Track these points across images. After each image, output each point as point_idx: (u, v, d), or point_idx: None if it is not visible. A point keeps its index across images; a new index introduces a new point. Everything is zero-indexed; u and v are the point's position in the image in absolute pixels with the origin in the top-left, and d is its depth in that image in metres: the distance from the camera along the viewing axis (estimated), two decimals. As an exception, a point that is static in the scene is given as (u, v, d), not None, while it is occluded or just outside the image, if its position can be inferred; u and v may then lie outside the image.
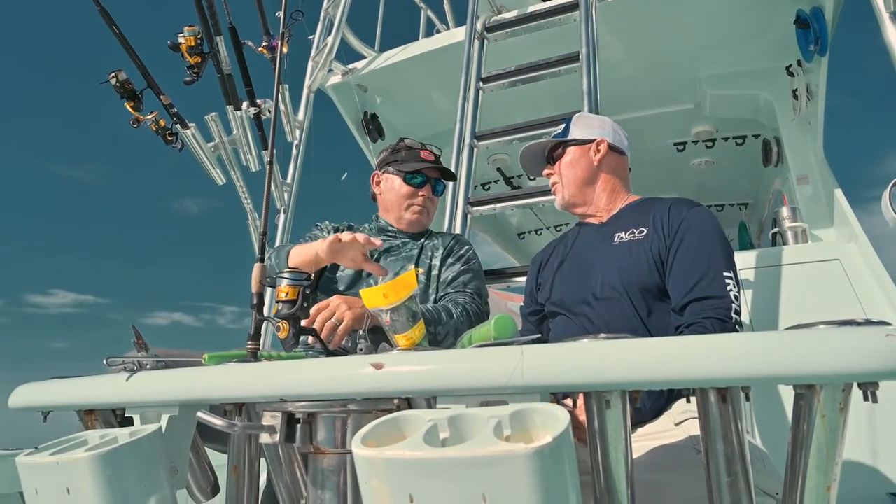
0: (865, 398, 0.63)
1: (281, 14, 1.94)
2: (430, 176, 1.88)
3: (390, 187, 1.88)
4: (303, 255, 1.57)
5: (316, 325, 1.40)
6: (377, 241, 1.44)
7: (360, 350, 0.90)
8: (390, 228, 1.87)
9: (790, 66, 3.10)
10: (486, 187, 4.83)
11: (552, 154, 1.70)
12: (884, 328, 0.59)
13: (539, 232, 5.70)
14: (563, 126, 1.70)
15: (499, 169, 4.58)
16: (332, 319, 1.42)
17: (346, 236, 1.43)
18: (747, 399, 0.75)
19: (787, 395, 0.72)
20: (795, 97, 3.07)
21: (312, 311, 1.43)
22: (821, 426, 0.66)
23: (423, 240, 1.87)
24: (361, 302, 1.43)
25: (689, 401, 1.29)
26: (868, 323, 0.62)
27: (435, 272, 1.78)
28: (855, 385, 0.64)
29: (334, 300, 1.47)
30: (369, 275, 1.73)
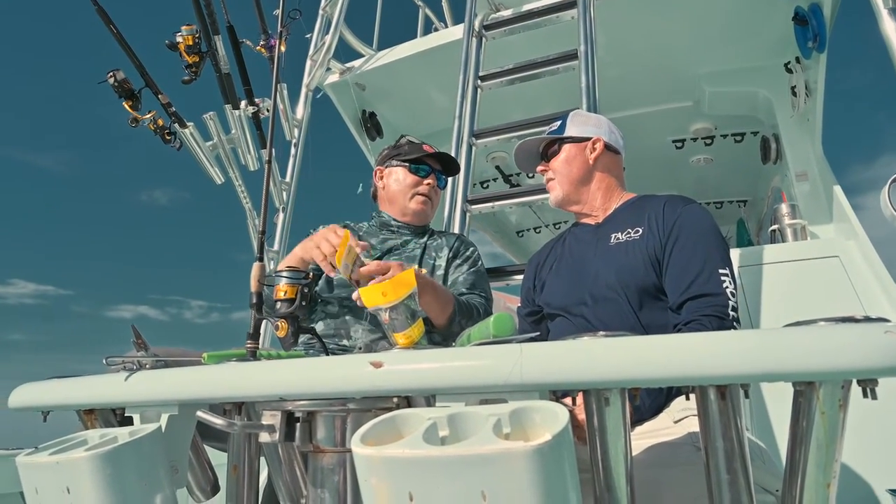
0: (865, 395, 0.63)
1: (279, 13, 1.94)
2: (433, 168, 1.88)
3: (395, 179, 1.88)
4: (289, 260, 1.57)
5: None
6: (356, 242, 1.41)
7: (359, 349, 0.90)
8: (393, 223, 1.87)
9: (789, 62, 3.11)
10: (485, 185, 4.83)
11: (546, 151, 1.70)
12: (883, 325, 0.59)
13: (538, 230, 5.70)
14: (558, 123, 1.69)
15: (497, 167, 4.58)
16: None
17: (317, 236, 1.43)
18: (746, 396, 0.75)
19: (788, 390, 0.72)
20: (794, 94, 3.08)
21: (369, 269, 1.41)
22: (820, 423, 0.66)
23: (425, 238, 1.86)
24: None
25: (688, 398, 1.30)
26: (867, 320, 0.62)
27: (440, 272, 1.78)
28: (854, 382, 0.64)
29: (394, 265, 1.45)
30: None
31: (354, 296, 1.33)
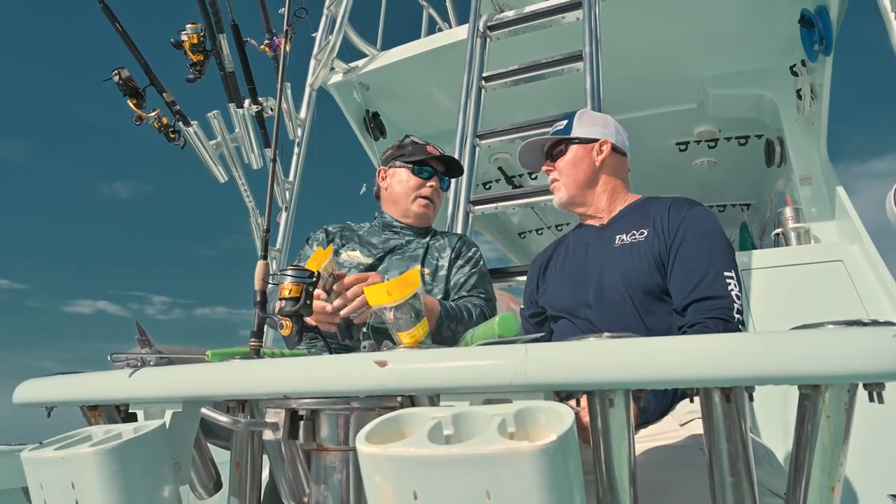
0: (871, 399, 0.63)
1: (284, 11, 1.94)
2: (436, 169, 1.88)
3: (398, 180, 1.88)
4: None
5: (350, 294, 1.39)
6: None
7: (364, 347, 0.90)
8: (395, 223, 1.87)
9: (794, 65, 3.10)
10: (488, 186, 4.83)
11: (552, 150, 1.68)
12: (891, 328, 0.59)
13: (540, 231, 5.70)
14: (564, 122, 1.67)
15: (500, 168, 4.58)
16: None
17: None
18: (750, 399, 0.75)
19: (794, 393, 0.72)
20: (799, 97, 3.07)
21: (349, 279, 1.40)
22: (825, 427, 0.66)
23: (428, 239, 1.86)
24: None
25: (692, 401, 1.30)
26: (875, 323, 0.62)
27: (442, 273, 1.78)
28: (860, 386, 0.64)
29: (374, 276, 1.45)
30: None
31: (330, 307, 1.34)
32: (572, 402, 1.22)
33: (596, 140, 1.62)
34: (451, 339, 1.59)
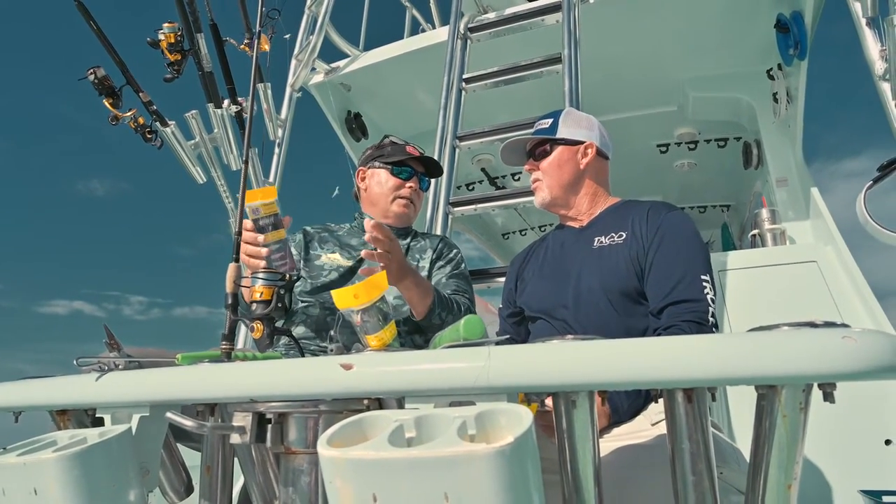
0: (825, 398, 0.65)
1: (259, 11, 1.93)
2: (415, 170, 1.88)
3: (377, 181, 1.87)
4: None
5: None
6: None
7: (331, 350, 0.90)
8: None
9: (771, 69, 3.15)
10: (471, 187, 4.84)
11: (535, 149, 1.67)
12: (841, 330, 0.60)
13: (524, 232, 5.73)
14: (549, 121, 1.65)
15: (483, 169, 4.59)
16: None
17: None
18: (713, 399, 0.76)
19: None
20: (776, 100, 3.12)
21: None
22: (782, 426, 0.67)
23: (408, 240, 1.86)
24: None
25: (656, 401, 1.31)
26: (828, 325, 0.63)
27: (423, 274, 1.78)
28: (816, 385, 0.66)
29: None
30: (352, 274, 1.73)
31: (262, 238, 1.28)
32: (549, 401, 1.23)
33: (581, 142, 1.61)
34: (440, 326, 1.58)
